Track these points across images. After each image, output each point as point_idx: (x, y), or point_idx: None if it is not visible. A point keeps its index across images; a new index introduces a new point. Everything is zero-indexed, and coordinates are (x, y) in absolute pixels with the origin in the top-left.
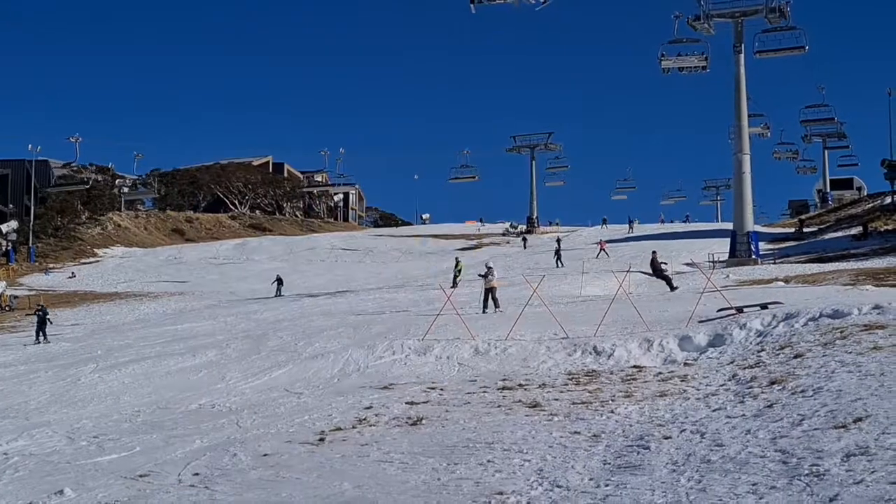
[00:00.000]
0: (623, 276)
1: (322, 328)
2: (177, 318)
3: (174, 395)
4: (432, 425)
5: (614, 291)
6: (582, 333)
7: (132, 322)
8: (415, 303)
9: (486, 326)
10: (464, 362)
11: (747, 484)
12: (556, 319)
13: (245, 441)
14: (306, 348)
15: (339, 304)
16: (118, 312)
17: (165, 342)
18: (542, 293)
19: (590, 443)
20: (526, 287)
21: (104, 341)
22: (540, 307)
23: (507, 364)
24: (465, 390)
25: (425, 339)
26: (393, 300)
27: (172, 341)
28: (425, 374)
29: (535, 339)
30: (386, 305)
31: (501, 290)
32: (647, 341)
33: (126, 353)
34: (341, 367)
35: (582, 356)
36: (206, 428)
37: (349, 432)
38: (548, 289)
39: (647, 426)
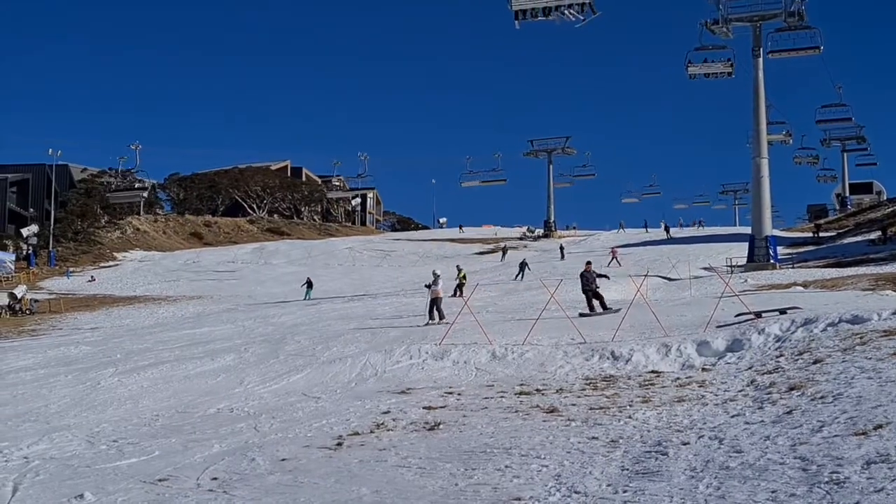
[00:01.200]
0: (641, 281)
1: (339, 332)
2: (195, 322)
3: (193, 399)
4: (450, 430)
5: (632, 296)
6: (599, 338)
7: (151, 326)
8: None
9: (504, 331)
10: (481, 367)
11: (766, 491)
12: (574, 324)
13: (263, 445)
14: (324, 352)
15: (356, 308)
16: (137, 316)
17: (184, 346)
18: (559, 297)
19: (607, 448)
20: (543, 291)
21: (123, 345)
22: (557, 312)
23: (524, 369)
24: (482, 395)
25: (442, 343)
26: (410, 304)
27: (191, 345)
28: (442, 378)
29: (552, 343)
30: (403, 310)
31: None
32: (665, 346)
33: (145, 356)
34: (359, 371)
35: (599, 361)
36: (225, 432)
37: (367, 437)
38: (565, 293)
39: (665, 432)
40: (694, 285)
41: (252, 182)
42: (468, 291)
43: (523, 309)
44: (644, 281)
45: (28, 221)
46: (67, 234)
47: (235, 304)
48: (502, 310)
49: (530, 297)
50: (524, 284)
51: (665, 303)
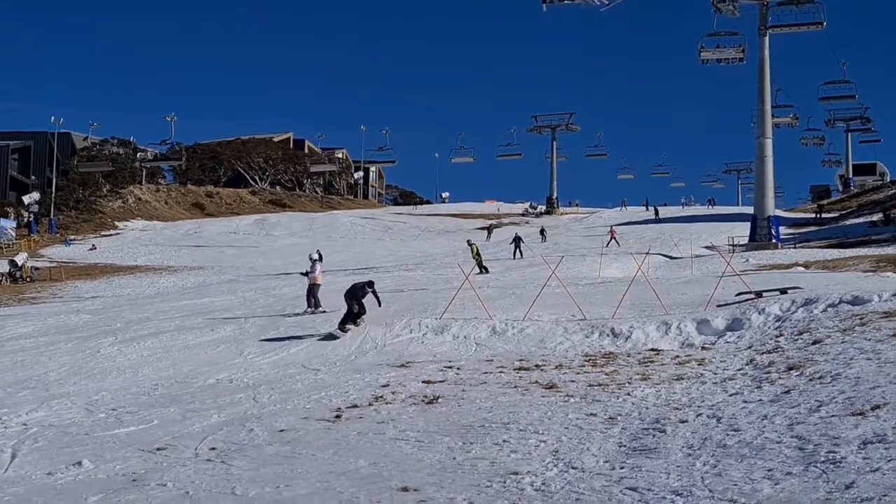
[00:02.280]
0: (642, 259)
1: (340, 304)
2: (196, 293)
3: (192, 370)
4: (448, 404)
5: (633, 274)
6: (600, 315)
7: (151, 295)
8: (433, 281)
9: (505, 307)
10: (481, 342)
11: (763, 469)
12: (574, 301)
13: (262, 416)
14: (324, 325)
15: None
16: (137, 285)
17: (184, 316)
18: (560, 274)
19: (606, 425)
20: (544, 268)
21: (123, 314)
22: (558, 288)
23: (524, 344)
24: (481, 370)
25: (443, 318)
26: (411, 278)
27: (191, 315)
28: (442, 353)
29: (552, 320)
30: (404, 283)
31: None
32: (665, 324)
33: (145, 326)
34: (358, 344)
35: (599, 338)
36: (224, 403)
37: (365, 410)
38: (566, 270)
39: (664, 409)
40: (695, 264)
41: (254, 153)
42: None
43: (524, 285)
44: (645, 259)
45: (29, 189)
46: (69, 202)
47: (236, 275)
48: (503, 285)
49: (532, 273)
50: (526, 261)
51: (666, 281)
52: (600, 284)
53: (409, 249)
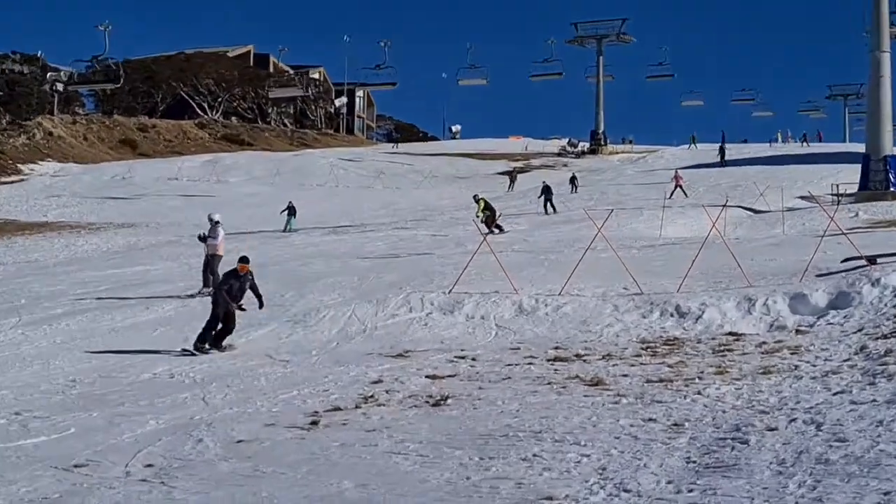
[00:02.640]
0: (717, 213)
1: (317, 275)
2: (126, 259)
3: (121, 361)
4: (460, 406)
5: (706, 232)
6: (661, 288)
7: (66, 262)
8: (439, 243)
9: (535, 277)
10: (503, 324)
11: (877, 493)
12: (627, 269)
13: (214, 423)
14: (296, 301)
15: (339, 243)
16: (48, 248)
17: (110, 289)
18: (608, 234)
19: (669, 434)
20: (587, 225)
21: (30, 287)
22: (606, 252)
23: (560, 327)
24: (504, 361)
25: (453, 292)
26: (411, 240)
27: (120, 288)
28: (452, 338)
29: (598, 294)
30: (402, 246)
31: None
32: (748, 300)
33: (58, 302)
34: (342, 327)
35: (660, 318)
36: (163, 404)
37: (351, 414)
38: (616, 228)
39: (746, 413)
40: (787, 220)
41: (203, 73)
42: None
43: (560, 248)
44: (722, 213)
45: None
46: None
47: (179, 235)
48: (532, 248)
49: (570, 232)
50: (562, 216)
51: (749, 242)
52: (662, 247)
53: (408, 201)
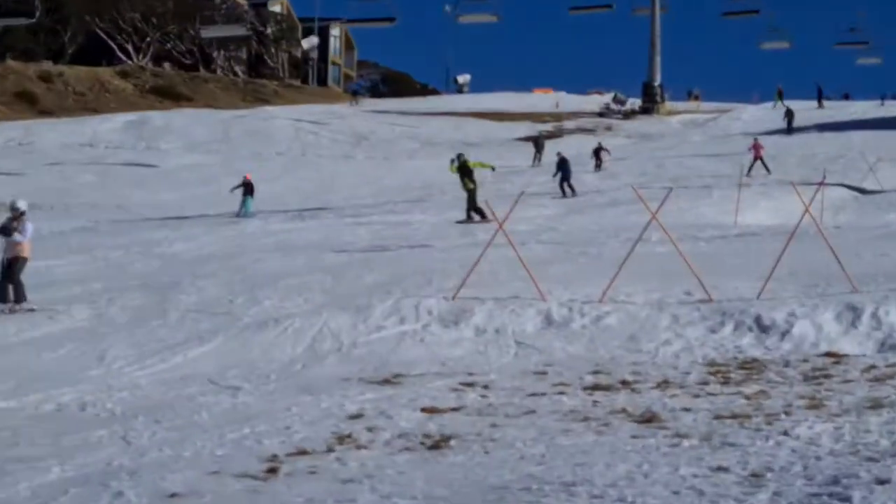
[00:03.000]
0: (813, 193)
1: (277, 274)
2: None
3: (15, 388)
4: (467, 450)
5: (796, 220)
6: (736, 293)
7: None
8: (441, 232)
9: (567, 277)
10: (525, 340)
11: None
12: (691, 267)
13: (139, 470)
14: (248, 309)
15: (307, 231)
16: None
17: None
18: (666, 220)
19: (745, 488)
20: (638, 208)
21: None
22: (663, 245)
23: (601, 345)
24: (526, 389)
25: (459, 297)
26: (403, 227)
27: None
28: (457, 359)
29: (651, 301)
30: (390, 236)
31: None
32: (852, 310)
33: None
34: (309, 343)
35: (735, 334)
36: (72, 445)
37: (321, 459)
38: (677, 213)
39: (849, 461)
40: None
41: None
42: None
43: (602, 238)
44: (817, 194)
45: None
46: None
47: (94, 219)
48: (564, 239)
49: (615, 218)
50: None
51: (854, 233)
52: (737, 239)
53: (398, 176)
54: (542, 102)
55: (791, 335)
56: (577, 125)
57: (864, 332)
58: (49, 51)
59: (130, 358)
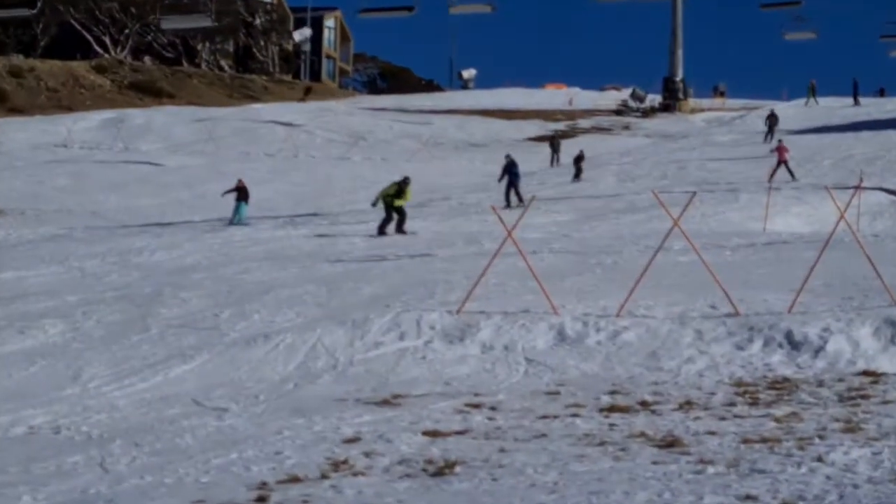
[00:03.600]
0: (848, 197)
1: (267, 285)
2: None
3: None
4: (473, 477)
5: (830, 227)
6: (765, 307)
7: None
8: (445, 240)
9: (582, 289)
10: (536, 358)
11: None
12: (716, 279)
13: (116, 499)
14: (235, 324)
15: (299, 239)
16: None
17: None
18: (689, 227)
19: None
20: (659, 214)
21: None
22: (686, 254)
23: (619, 363)
24: (537, 411)
25: (464, 311)
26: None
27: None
28: (462, 378)
29: (673, 315)
30: (389, 244)
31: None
32: (892, 324)
33: None
34: (302, 360)
35: (764, 351)
36: (44, 472)
37: (314, 486)
38: (701, 219)
39: (889, 489)
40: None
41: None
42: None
43: (619, 246)
44: (854, 199)
45: None
46: None
47: (68, 226)
48: (579, 247)
49: (634, 225)
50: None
51: (894, 240)
52: (767, 247)
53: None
54: (555, 99)
55: (825, 352)
56: (592, 124)
57: None
58: (20, 43)
59: (108, 377)
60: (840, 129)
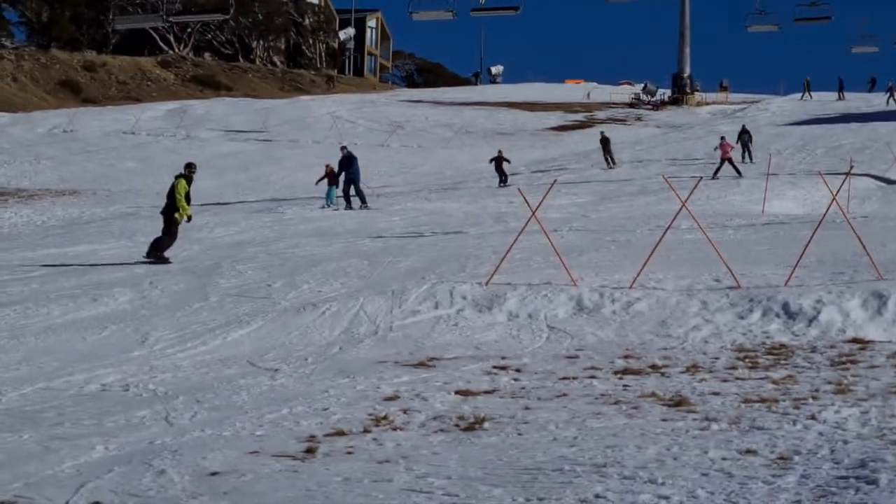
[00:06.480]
0: (840, 183)
1: (314, 259)
2: (66, 236)
3: (60, 368)
4: (501, 432)
5: (823, 209)
6: (764, 280)
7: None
8: (475, 219)
9: (599, 264)
10: (557, 325)
11: None
12: (720, 254)
13: (180, 449)
14: (286, 293)
15: (343, 218)
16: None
17: (46, 276)
18: (696, 209)
19: (773, 470)
20: (668, 196)
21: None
22: (692, 233)
23: (631, 330)
24: (558, 373)
25: (492, 283)
26: (438, 213)
27: (58, 274)
28: (490, 343)
29: (681, 287)
30: (425, 222)
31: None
32: (878, 297)
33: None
34: (346, 326)
35: (763, 320)
36: (115, 425)
37: (358, 439)
38: (706, 201)
39: (875, 444)
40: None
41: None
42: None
43: (632, 226)
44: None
45: None
46: None
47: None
48: (596, 226)
49: (646, 206)
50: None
51: (880, 222)
52: (765, 227)
53: (433, 164)
54: (574, 93)
55: (818, 321)
56: (608, 115)
57: (889, 318)
58: (92, 41)
59: (172, 340)
60: (831, 121)
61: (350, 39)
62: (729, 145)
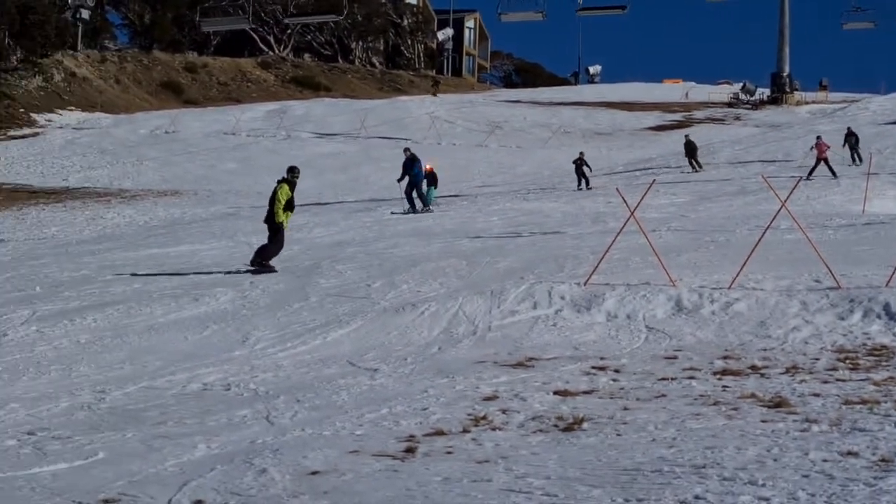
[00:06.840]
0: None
1: (414, 259)
2: (168, 236)
3: (162, 367)
4: (599, 432)
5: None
6: (865, 281)
7: (93, 239)
8: (573, 219)
9: (697, 264)
10: (656, 326)
11: None
12: (820, 255)
13: (281, 448)
14: (386, 293)
15: (442, 218)
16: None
17: (148, 276)
18: (795, 209)
19: (875, 472)
20: (767, 197)
21: (46, 270)
22: (792, 233)
23: (731, 331)
24: (656, 374)
25: (590, 283)
26: (536, 213)
27: (160, 275)
28: (589, 343)
29: (781, 288)
30: (523, 223)
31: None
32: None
33: (83, 291)
34: (445, 326)
35: (864, 321)
36: (217, 424)
37: (457, 439)
38: (806, 201)
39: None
40: None
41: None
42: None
43: (731, 226)
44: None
45: None
46: None
47: (236, 206)
48: (695, 226)
49: (745, 206)
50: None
51: None
52: (866, 227)
53: (531, 164)
54: (672, 93)
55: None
56: (706, 115)
57: None
58: (194, 42)
59: (272, 339)
60: None
61: (448, 40)
62: (825, 145)
